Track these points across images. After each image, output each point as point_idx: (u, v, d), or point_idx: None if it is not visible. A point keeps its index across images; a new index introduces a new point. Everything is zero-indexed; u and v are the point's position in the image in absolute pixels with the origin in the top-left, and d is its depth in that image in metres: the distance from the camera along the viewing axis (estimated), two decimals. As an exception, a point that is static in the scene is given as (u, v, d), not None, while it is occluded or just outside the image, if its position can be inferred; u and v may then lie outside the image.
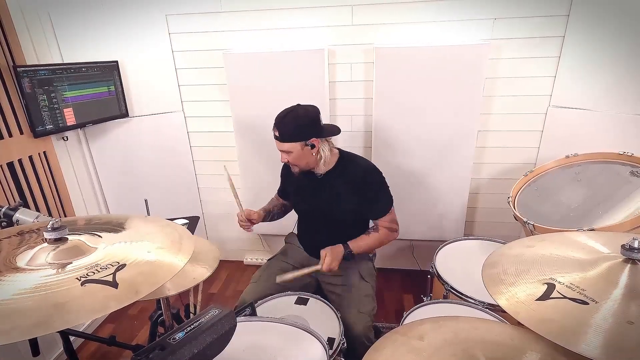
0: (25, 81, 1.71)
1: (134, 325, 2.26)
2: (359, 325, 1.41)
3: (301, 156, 1.48)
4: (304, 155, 1.48)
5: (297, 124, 1.44)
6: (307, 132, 1.46)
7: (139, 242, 0.90)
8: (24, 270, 0.77)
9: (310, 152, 1.49)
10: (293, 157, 1.48)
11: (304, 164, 1.52)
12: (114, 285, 0.72)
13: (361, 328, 1.41)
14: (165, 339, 0.73)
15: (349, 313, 1.44)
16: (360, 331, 1.40)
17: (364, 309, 1.47)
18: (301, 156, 1.48)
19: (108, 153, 2.28)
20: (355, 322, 1.41)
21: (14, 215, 1.20)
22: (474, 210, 2.43)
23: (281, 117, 1.46)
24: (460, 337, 0.83)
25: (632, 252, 0.78)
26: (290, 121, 1.44)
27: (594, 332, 0.67)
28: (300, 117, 1.45)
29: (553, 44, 1.98)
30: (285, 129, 1.44)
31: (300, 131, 1.45)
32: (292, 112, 1.45)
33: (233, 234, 2.71)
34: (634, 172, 1.46)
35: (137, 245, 0.88)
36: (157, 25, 2.18)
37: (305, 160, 1.50)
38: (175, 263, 0.82)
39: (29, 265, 0.79)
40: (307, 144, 1.46)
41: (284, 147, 1.47)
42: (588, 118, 1.94)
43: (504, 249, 0.98)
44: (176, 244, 0.89)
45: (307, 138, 1.45)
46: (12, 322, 0.63)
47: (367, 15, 2.05)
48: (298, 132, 1.45)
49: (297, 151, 1.46)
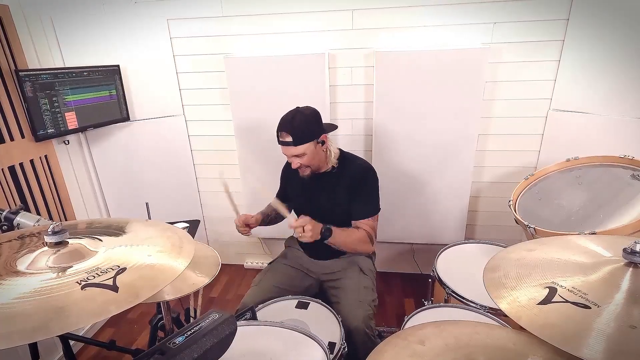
0: (27, 85, 1.72)
1: (134, 329, 2.25)
2: (359, 314, 1.39)
3: (314, 155, 1.49)
4: (317, 154, 1.50)
5: (307, 123, 1.46)
6: (317, 129, 1.48)
7: (139, 245, 0.90)
8: (24, 274, 0.77)
9: (322, 149, 1.51)
10: (307, 158, 1.47)
11: (317, 163, 1.52)
12: (114, 289, 0.72)
13: (361, 317, 1.38)
14: (165, 343, 0.73)
15: (347, 303, 1.43)
16: (360, 320, 1.37)
17: (363, 298, 1.46)
18: (314, 155, 1.49)
19: (109, 157, 2.28)
20: (355, 311, 1.40)
21: (14, 218, 1.20)
22: (475, 213, 2.42)
23: (289, 121, 1.45)
24: (461, 341, 0.83)
25: (634, 255, 0.78)
26: (300, 123, 1.44)
27: (596, 337, 0.66)
28: (308, 117, 1.47)
29: (553, 48, 1.98)
30: (298, 132, 1.43)
31: (311, 130, 1.46)
32: (298, 114, 1.46)
33: (233, 238, 2.70)
34: (635, 176, 1.46)
35: (137, 248, 0.88)
36: (158, 30, 2.19)
37: (318, 158, 1.51)
38: (176, 267, 0.82)
39: (29, 269, 0.79)
40: (319, 142, 1.48)
41: (298, 150, 1.45)
42: (588, 121, 1.94)
43: (505, 253, 0.97)
44: (176, 248, 0.89)
45: (318, 136, 1.47)
46: (12, 326, 0.62)
47: (368, 19, 2.06)
48: (310, 131, 1.46)
49: (311, 151, 1.47)
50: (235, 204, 1.65)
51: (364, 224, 1.55)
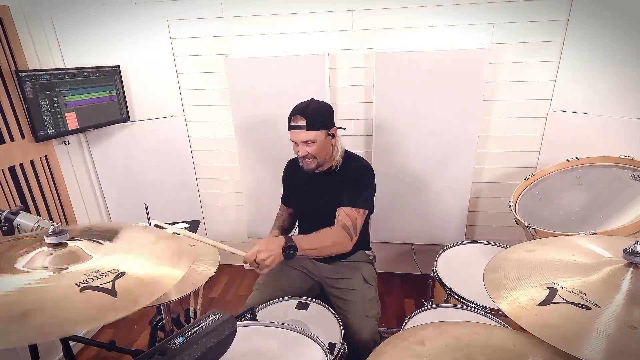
0: (27, 86, 1.72)
1: (134, 330, 2.25)
2: (367, 330, 1.40)
3: (323, 146, 1.47)
4: (325, 145, 1.49)
5: (322, 112, 1.46)
6: (330, 121, 1.48)
7: (138, 251, 0.90)
8: (21, 273, 0.76)
9: (330, 143, 1.50)
10: (316, 147, 1.45)
11: (323, 156, 1.51)
12: (113, 294, 0.71)
13: (369, 333, 1.39)
14: (165, 344, 0.73)
15: (356, 318, 1.43)
16: (368, 336, 1.39)
17: (370, 313, 1.46)
18: (323, 146, 1.47)
19: (109, 157, 2.28)
20: (363, 327, 1.40)
21: (14, 219, 1.20)
22: (475, 214, 2.42)
23: (304, 106, 1.45)
24: (461, 342, 0.83)
25: (634, 256, 0.78)
26: (315, 110, 1.44)
27: (597, 337, 0.66)
28: (323, 107, 1.48)
29: (553, 48, 1.98)
30: (312, 117, 1.42)
31: (325, 119, 1.46)
32: (314, 102, 1.46)
33: (233, 238, 2.70)
34: (635, 176, 1.46)
35: (136, 254, 0.88)
36: (158, 30, 2.19)
37: (326, 150, 1.50)
38: (174, 274, 0.82)
39: (26, 268, 0.78)
40: (329, 134, 1.48)
41: (309, 135, 1.42)
42: (589, 122, 1.94)
43: (505, 253, 0.97)
44: (176, 255, 0.89)
45: (330, 127, 1.48)
46: (10, 328, 0.62)
47: (368, 20, 2.06)
48: (324, 120, 1.46)
49: (321, 140, 1.45)
50: (229, 248, 1.29)
51: (344, 214, 1.44)
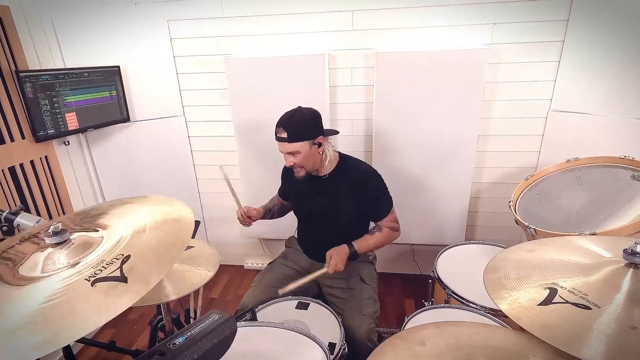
0: (27, 86, 1.72)
1: (134, 330, 2.25)
2: (362, 328, 1.40)
3: (309, 156, 1.48)
4: (311, 155, 1.48)
5: (305, 122, 1.45)
6: (314, 130, 1.47)
7: (136, 227, 0.87)
8: (38, 280, 0.75)
9: (317, 151, 1.50)
10: (301, 157, 1.47)
11: (311, 165, 1.51)
12: (124, 280, 0.70)
13: (364, 331, 1.40)
14: (165, 344, 0.73)
15: (351, 316, 1.44)
16: (362, 334, 1.39)
17: (366, 311, 1.46)
18: (309, 156, 1.48)
19: (109, 157, 2.28)
20: (358, 325, 1.41)
21: (15, 219, 1.19)
22: (475, 214, 2.42)
23: (287, 118, 1.45)
24: (461, 342, 0.83)
25: (634, 256, 0.78)
26: (298, 121, 1.44)
27: (597, 338, 0.66)
28: (307, 116, 1.47)
29: (553, 49, 1.98)
30: (294, 129, 1.43)
31: (308, 130, 1.46)
32: (297, 113, 1.46)
33: (234, 239, 2.71)
34: (635, 176, 1.46)
35: (135, 230, 0.86)
36: (158, 31, 2.19)
37: (312, 160, 1.50)
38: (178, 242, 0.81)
39: (44, 273, 0.76)
40: (315, 143, 1.47)
41: (292, 147, 1.44)
42: (589, 122, 1.94)
43: (506, 254, 0.97)
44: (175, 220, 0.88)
45: (314, 136, 1.46)
46: (40, 335, 0.61)
47: (368, 20, 2.06)
48: (307, 130, 1.45)
49: (306, 151, 1.46)
50: (236, 194, 1.70)
51: (386, 221, 1.59)
